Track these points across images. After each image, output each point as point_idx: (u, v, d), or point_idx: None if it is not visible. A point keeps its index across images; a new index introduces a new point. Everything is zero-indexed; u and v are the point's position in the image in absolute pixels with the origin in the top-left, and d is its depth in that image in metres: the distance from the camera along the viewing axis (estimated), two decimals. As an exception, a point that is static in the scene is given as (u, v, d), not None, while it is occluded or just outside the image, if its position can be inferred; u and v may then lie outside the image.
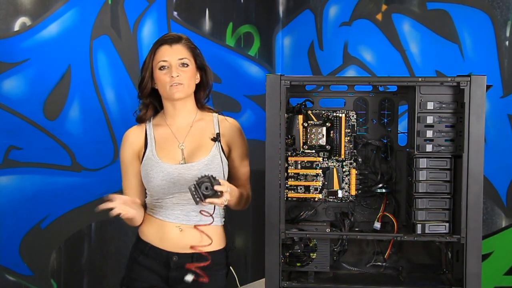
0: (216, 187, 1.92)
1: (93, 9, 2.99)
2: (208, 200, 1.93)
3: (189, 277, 2.06)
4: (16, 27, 2.74)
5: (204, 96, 2.20)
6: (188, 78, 2.10)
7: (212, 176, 1.94)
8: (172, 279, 2.10)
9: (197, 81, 2.16)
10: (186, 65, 2.10)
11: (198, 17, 3.49)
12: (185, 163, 2.10)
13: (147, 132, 2.15)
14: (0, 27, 2.69)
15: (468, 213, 1.95)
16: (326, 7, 3.73)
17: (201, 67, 2.16)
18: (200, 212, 2.05)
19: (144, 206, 2.18)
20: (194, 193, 1.92)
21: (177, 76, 2.06)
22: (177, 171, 2.07)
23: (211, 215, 2.04)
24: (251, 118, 3.77)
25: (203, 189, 1.92)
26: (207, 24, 3.53)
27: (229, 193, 1.98)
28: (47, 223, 2.90)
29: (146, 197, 2.18)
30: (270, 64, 3.89)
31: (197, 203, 1.94)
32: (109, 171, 3.05)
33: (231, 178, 2.19)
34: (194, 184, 1.92)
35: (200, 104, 2.20)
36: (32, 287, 2.86)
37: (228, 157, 2.17)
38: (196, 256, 2.09)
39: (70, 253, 2.98)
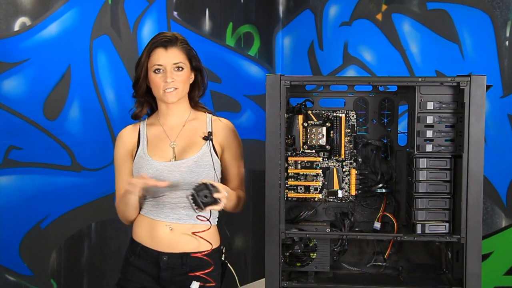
0: (216, 195, 1.93)
1: (93, 9, 2.99)
2: (207, 208, 1.94)
3: (195, 285, 2.06)
4: (16, 27, 2.74)
5: (198, 95, 2.20)
6: (183, 82, 2.10)
7: (209, 183, 1.94)
8: (163, 279, 2.10)
9: (191, 81, 2.16)
10: (181, 69, 2.09)
11: (198, 17, 3.49)
12: (175, 161, 2.10)
13: (141, 131, 2.16)
14: (0, 27, 2.69)
15: (468, 213, 1.95)
16: (326, 7, 3.74)
17: (196, 68, 2.15)
18: (196, 217, 2.05)
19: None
20: (193, 201, 1.92)
21: (172, 81, 2.07)
22: (167, 169, 2.07)
23: (208, 220, 2.05)
24: (251, 118, 3.77)
25: (202, 197, 1.92)
26: (207, 24, 3.53)
27: (226, 197, 1.98)
28: (47, 223, 2.90)
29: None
30: (270, 64, 3.89)
31: (196, 211, 1.95)
32: (109, 171, 3.04)
33: (225, 179, 2.18)
34: (192, 193, 1.92)
35: (194, 103, 2.20)
36: (32, 287, 2.86)
37: (222, 158, 2.16)
38: (186, 257, 2.08)
39: (70, 253, 2.98)
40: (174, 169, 2.07)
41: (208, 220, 2.04)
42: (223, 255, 2.18)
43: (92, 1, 2.99)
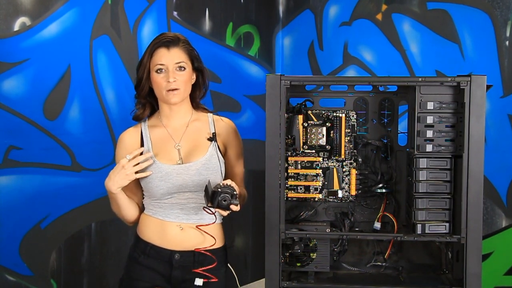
0: (232, 207, 1.94)
1: (93, 9, 2.99)
2: (216, 209, 1.95)
3: (198, 282, 2.07)
4: (16, 27, 2.74)
5: (199, 96, 2.20)
6: (185, 82, 2.10)
7: (235, 191, 1.94)
8: (174, 278, 2.10)
9: (193, 81, 2.16)
10: (183, 69, 2.09)
11: (198, 17, 3.49)
12: (182, 163, 2.10)
13: (143, 134, 2.15)
14: (0, 27, 2.69)
15: (468, 213, 1.95)
16: (326, 7, 3.74)
17: (197, 69, 2.16)
18: (203, 208, 2.05)
19: (142, 207, 2.19)
20: (211, 195, 1.93)
21: (174, 81, 2.06)
22: (175, 172, 2.08)
23: (213, 213, 2.05)
24: (251, 118, 3.77)
25: (222, 200, 1.92)
26: (207, 24, 3.53)
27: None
28: (47, 223, 2.90)
29: (143, 198, 2.18)
30: (270, 64, 3.89)
31: (206, 204, 1.96)
32: (109, 171, 3.04)
33: (227, 177, 2.18)
34: (216, 190, 1.93)
35: (195, 104, 2.20)
36: (32, 287, 2.86)
37: (224, 156, 2.18)
38: (198, 254, 2.09)
39: (70, 253, 2.98)
40: (182, 172, 2.08)
41: (213, 213, 2.04)
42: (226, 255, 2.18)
43: (92, 1, 2.99)
